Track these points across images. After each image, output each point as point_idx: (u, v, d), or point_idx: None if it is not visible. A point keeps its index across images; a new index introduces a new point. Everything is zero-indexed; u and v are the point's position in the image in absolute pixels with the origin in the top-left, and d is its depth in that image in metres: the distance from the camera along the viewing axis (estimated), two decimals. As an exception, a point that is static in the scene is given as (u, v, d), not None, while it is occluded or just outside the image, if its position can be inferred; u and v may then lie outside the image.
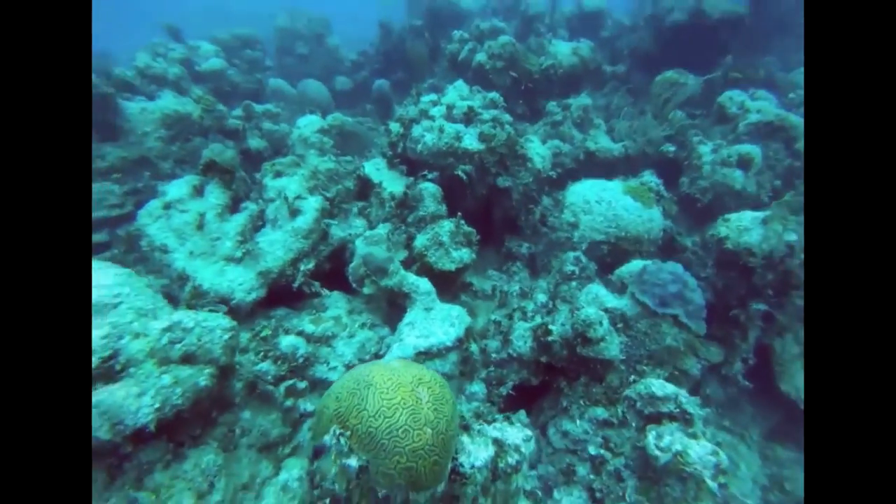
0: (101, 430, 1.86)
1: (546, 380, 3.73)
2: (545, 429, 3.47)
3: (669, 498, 2.39)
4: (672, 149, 5.48)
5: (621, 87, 7.54)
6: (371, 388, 1.44)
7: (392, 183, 4.39)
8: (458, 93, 4.82)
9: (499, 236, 5.15)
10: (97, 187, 4.53)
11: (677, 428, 2.45)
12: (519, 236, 5.00)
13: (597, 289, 3.71)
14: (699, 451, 2.35)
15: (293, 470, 2.20)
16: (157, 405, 1.94)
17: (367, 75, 9.32)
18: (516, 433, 1.91)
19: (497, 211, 4.97)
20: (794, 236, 3.39)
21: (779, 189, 4.60)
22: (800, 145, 4.59)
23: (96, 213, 4.51)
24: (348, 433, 1.39)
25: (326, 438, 1.40)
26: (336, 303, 3.66)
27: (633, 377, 2.98)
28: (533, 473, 2.40)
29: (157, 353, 2.02)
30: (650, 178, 4.66)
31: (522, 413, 2.42)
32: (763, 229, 3.50)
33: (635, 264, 3.74)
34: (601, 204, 4.26)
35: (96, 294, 2.06)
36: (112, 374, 1.96)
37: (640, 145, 5.91)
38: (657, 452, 2.35)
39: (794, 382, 4.11)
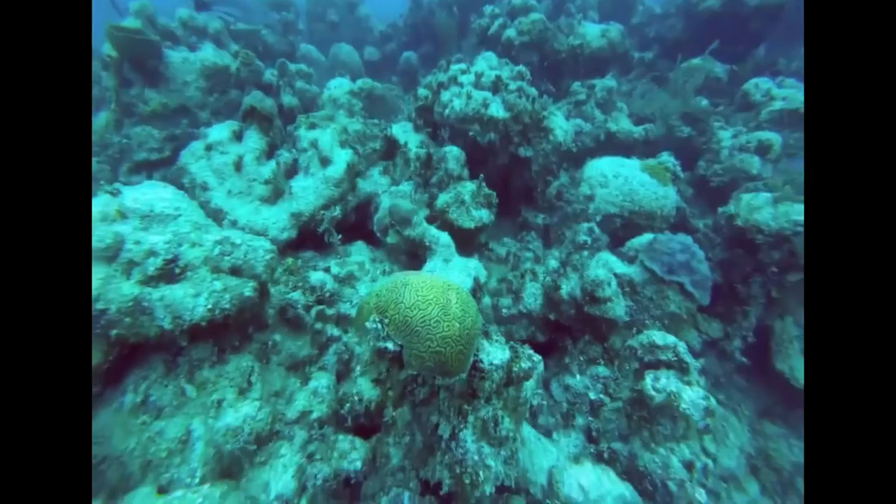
0: (164, 321, 2.11)
1: (552, 339, 3.95)
2: (548, 385, 3.69)
3: (660, 435, 2.61)
4: (686, 130, 5.56)
5: (647, 73, 7.57)
6: (407, 286, 1.65)
7: (418, 145, 4.57)
8: (487, 63, 4.95)
9: (515, 207, 5.32)
10: (139, 130, 4.77)
11: (673, 375, 2.65)
12: (535, 207, 5.17)
13: (607, 256, 3.88)
14: (691, 395, 2.55)
15: (322, 380, 2.45)
16: (209, 305, 2.18)
17: (395, 47, 9.41)
18: (527, 351, 2.13)
19: (516, 180, 5.13)
20: (803, 217, 3.52)
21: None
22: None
23: (138, 155, 4.76)
24: (387, 321, 1.62)
25: (367, 324, 1.63)
26: (360, 251, 3.88)
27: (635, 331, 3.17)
28: (540, 391, 2.62)
29: (210, 262, 2.26)
30: (668, 158, 4.77)
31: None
32: (773, 209, 3.63)
33: (646, 237, 3.90)
34: (618, 178, 4.41)
35: (160, 205, 2.29)
36: (172, 276, 2.21)
37: (659, 124, 6.01)
38: (653, 392, 2.56)
39: (789, 362, 4.27)
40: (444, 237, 3.61)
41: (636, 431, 2.70)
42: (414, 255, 3.87)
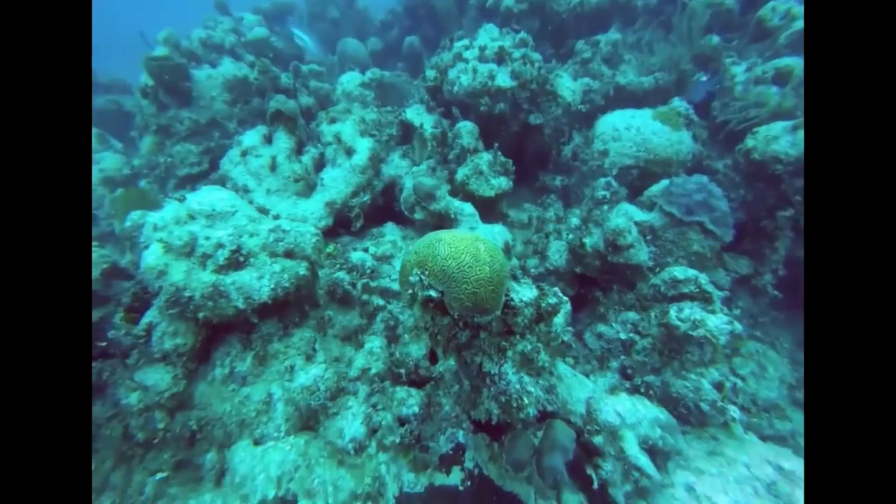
0: (238, 301, 2.47)
1: (581, 293, 4.14)
2: (581, 336, 3.91)
3: (689, 362, 2.79)
4: (704, 77, 5.50)
5: (653, 20, 7.40)
6: (441, 241, 1.91)
7: (431, 125, 4.77)
8: (489, 35, 5.06)
9: (532, 173, 5.47)
10: (179, 148, 5.20)
11: (697, 305, 2.81)
12: (552, 170, 5.30)
13: (627, 206, 4.01)
14: (716, 321, 2.72)
15: (375, 342, 2.77)
16: (272, 285, 2.53)
17: (397, 34, 9.53)
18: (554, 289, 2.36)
19: (530, 147, 5.27)
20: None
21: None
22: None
23: (181, 171, 5.20)
24: (427, 272, 1.88)
25: (411, 278, 1.90)
26: (391, 231, 4.17)
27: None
28: (570, 329, 2.85)
29: (267, 248, 2.60)
30: (679, 103, 4.78)
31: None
32: (792, 136, 3.64)
33: (663, 183, 3.99)
34: (630, 130, 4.48)
35: (220, 205, 2.65)
36: (239, 264, 2.56)
37: (673, 77, 5.95)
38: (678, 322, 2.74)
39: (823, 289, 4.30)
40: (468, 207, 3.84)
41: (667, 363, 2.90)
42: (441, 229, 4.13)
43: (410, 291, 1.91)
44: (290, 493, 2.32)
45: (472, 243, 1.89)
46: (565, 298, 2.35)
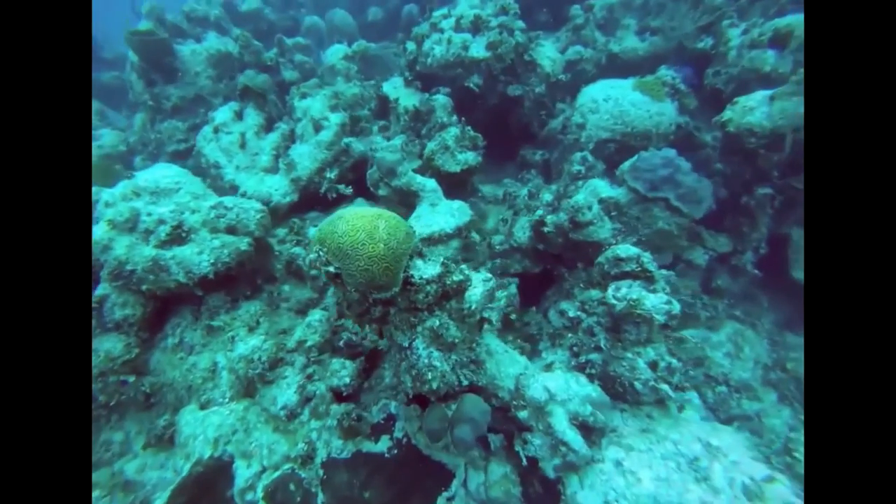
0: (179, 275, 2.61)
1: (548, 269, 4.12)
2: (546, 313, 3.91)
3: (628, 341, 2.77)
4: (711, 41, 5.15)
5: (663, -21, 6.90)
6: (341, 219, 1.95)
7: (407, 98, 4.72)
8: (468, 2, 4.87)
9: (516, 147, 5.35)
10: (167, 125, 5.35)
11: (639, 284, 2.77)
12: (534, 144, 5.17)
13: (596, 182, 3.90)
14: (654, 300, 2.67)
15: (316, 315, 2.87)
16: (212, 260, 2.65)
17: (398, 2, 9.27)
18: (477, 275, 2.38)
19: (512, 120, 5.14)
20: (801, 110, 3.30)
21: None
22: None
23: (169, 147, 5.37)
24: (325, 249, 1.94)
25: (311, 255, 1.96)
26: (360, 206, 4.22)
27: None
28: (496, 306, 2.87)
29: (208, 224, 2.71)
30: (666, 72, 4.52)
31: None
32: (768, 107, 3.42)
33: (635, 157, 3.84)
34: (608, 101, 4.29)
35: (163, 181, 2.76)
36: (181, 239, 2.69)
37: (675, 41, 5.60)
38: (614, 301, 2.71)
39: (807, 269, 4.11)
40: (430, 183, 3.83)
41: (609, 340, 2.88)
42: (410, 206, 4.14)
43: (314, 269, 1.97)
44: (227, 454, 2.50)
45: (371, 221, 1.92)
46: (490, 276, 2.36)
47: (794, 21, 4.20)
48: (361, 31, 9.10)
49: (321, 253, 1.93)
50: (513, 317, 3.14)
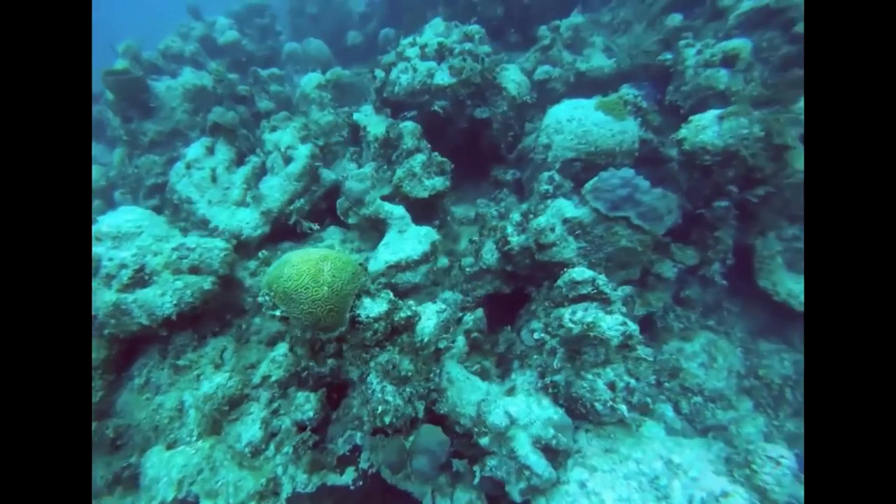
0: (141, 318, 2.66)
1: (520, 288, 4.18)
2: (520, 332, 3.96)
3: (587, 363, 2.82)
4: (669, 56, 5.30)
5: (628, -4, 7.10)
6: (287, 264, 2.02)
7: (377, 126, 4.82)
8: (433, 31, 5.02)
9: (488, 168, 5.45)
10: (144, 160, 5.43)
11: (595, 306, 2.83)
12: (505, 164, 5.27)
13: (561, 202, 3.98)
14: (610, 322, 2.73)
15: (280, 349, 2.92)
16: (175, 301, 2.70)
17: (376, 26, 9.47)
18: (425, 308, 2.44)
19: (483, 142, 5.25)
20: (749, 129, 3.40)
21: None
22: (799, 27, 4.26)
23: (148, 181, 5.44)
24: (272, 293, 2.00)
25: (259, 298, 2.02)
26: (332, 235, 4.29)
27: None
28: (465, 328, 2.91)
29: (170, 266, 2.77)
30: (628, 90, 4.65)
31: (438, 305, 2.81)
32: (719, 126, 3.52)
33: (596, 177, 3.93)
34: (572, 122, 4.40)
35: (125, 226, 2.83)
36: (143, 282, 2.74)
37: (636, 59, 5.75)
38: (571, 325, 2.77)
39: (771, 279, 4.19)
40: (398, 210, 3.90)
41: (570, 362, 2.93)
42: (381, 230, 4.21)
43: (263, 311, 2.03)
44: (192, 495, 2.52)
45: (316, 264, 1.99)
46: (444, 308, 2.41)
47: (740, 44, 4.37)
48: (341, 55, 9.29)
49: (269, 297, 1.99)
50: (478, 337, 3.19)
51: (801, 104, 4.03)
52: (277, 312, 1.98)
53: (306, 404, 2.65)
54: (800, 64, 4.41)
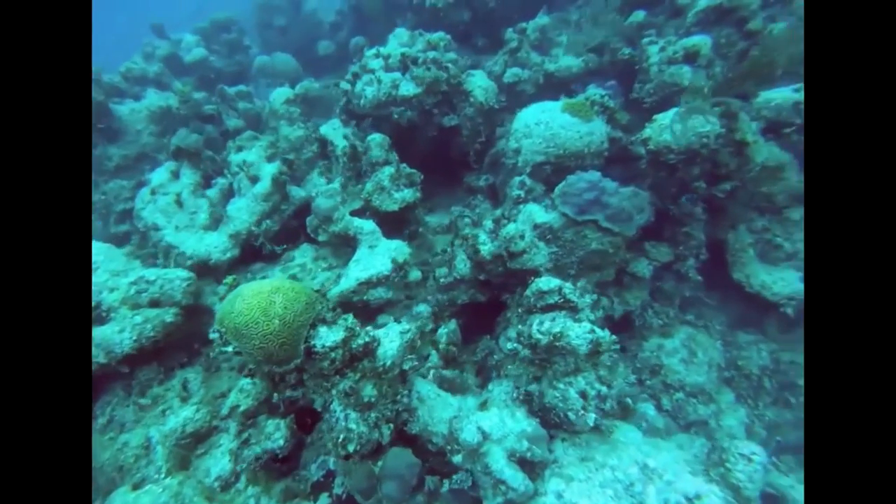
0: (99, 357, 2.60)
1: (495, 296, 4.16)
2: (499, 339, 3.94)
3: (559, 372, 2.81)
4: (627, 51, 5.33)
5: (594, -6, 7.13)
6: (238, 297, 1.97)
7: (345, 139, 4.78)
8: (397, 41, 4.99)
9: (461, 173, 5.43)
10: (112, 185, 5.33)
11: (564, 315, 2.82)
12: (477, 170, 5.26)
13: (531, 207, 3.97)
14: (578, 331, 2.72)
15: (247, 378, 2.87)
16: (134, 337, 2.64)
17: (347, 35, 9.41)
18: (388, 329, 2.41)
19: (454, 149, 5.23)
20: (709, 126, 3.42)
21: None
22: (752, 24, 4.31)
23: (117, 207, 5.35)
24: (224, 329, 1.96)
25: (211, 334, 1.98)
26: (304, 253, 4.24)
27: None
28: (430, 351, 2.89)
29: (128, 301, 2.70)
30: (594, 90, 4.65)
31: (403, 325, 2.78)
32: (681, 124, 3.54)
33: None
34: (539, 126, 4.38)
35: (79, 263, 2.77)
36: (101, 319, 2.68)
37: (606, 56, 5.77)
38: (539, 336, 2.76)
39: (745, 271, 4.22)
40: (368, 225, 3.87)
41: (543, 372, 2.92)
42: (353, 246, 4.17)
43: (214, 348, 1.99)
44: (160, 534, 2.46)
45: (267, 297, 1.95)
46: (408, 328, 2.39)
47: (700, 41, 4.41)
48: (314, 65, 9.22)
49: (221, 333, 1.95)
50: (451, 350, 3.17)
51: (761, 98, 4.07)
52: (229, 349, 1.94)
53: (276, 433, 2.61)
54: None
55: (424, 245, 4.50)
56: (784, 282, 4.12)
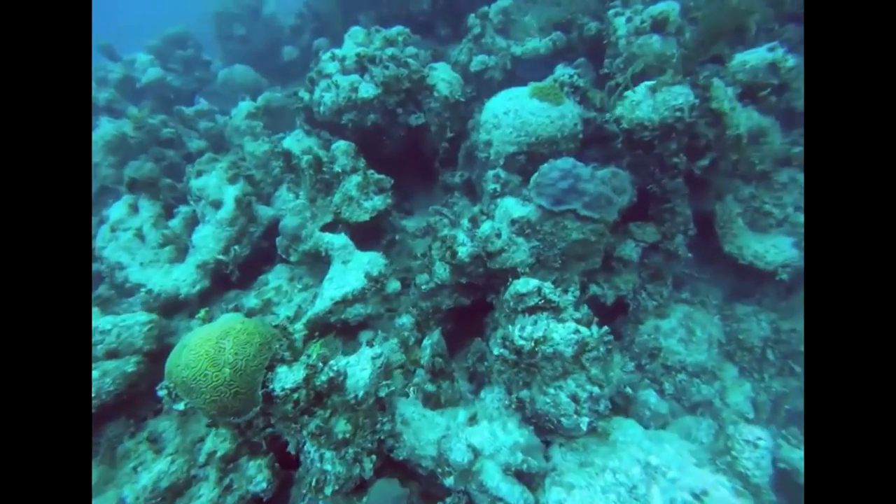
0: (58, 418, 2.44)
1: (482, 296, 4.01)
2: (489, 342, 3.80)
3: (547, 377, 2.67)
4: (593, 25, 5.13)
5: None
6: (185, 348, 1.81)
7: (309, 150, 4.57)
8: (353, 40, 4.76)
9: (437, 171, 5.25)
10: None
11: (546, 316, 2.67)
12: (450, 167, 5.07)
13: (507, 202, 3.80)
14: (562, 332, 2.57)
15: (226, 417, 2.72)
16: (93, 394, 2.48)
17: (310, 38, 9.12)
18: (359, 356, 2.25)
19: (425, 147, 5.04)
20: (682, 99, 3.24)
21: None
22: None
23: (84, 246, 5.14)
24: (173, 384, 1.80)
25: (159, 391, 1.83)
26: (278, 275, 4.07)
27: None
28: (426, 354, 2.76)
29: (84, 355, 2.54)
30: (563, 70, 4.47)
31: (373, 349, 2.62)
32: (652, 99, 3.36)
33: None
34: (508, 114, 4.19)
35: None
36: (57, 377, 2.51)
37: (574, 33, 5.56)
38: (522, 342, 2.61)
39: (736, 242, 4.08)
40: (339, 239, 3.70)
41: (532, 377, 2.78)
42: (319, 264, 3.98)
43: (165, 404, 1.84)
44: None
45: (215, 343, 1.79)
46: (380, 352, 2.24)
47: (667, 7, 4.21)
48: (280, 72, 8.95)
49: (169, 388, 1.79)
50: (437, 362, 3.02)
51: (736, 61, 3.89)
52: (181, 406, 1.78)
53: (258, 475, 2.47)
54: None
55: (405, 251, 4.34)
56: (777, 249, 3.98)
